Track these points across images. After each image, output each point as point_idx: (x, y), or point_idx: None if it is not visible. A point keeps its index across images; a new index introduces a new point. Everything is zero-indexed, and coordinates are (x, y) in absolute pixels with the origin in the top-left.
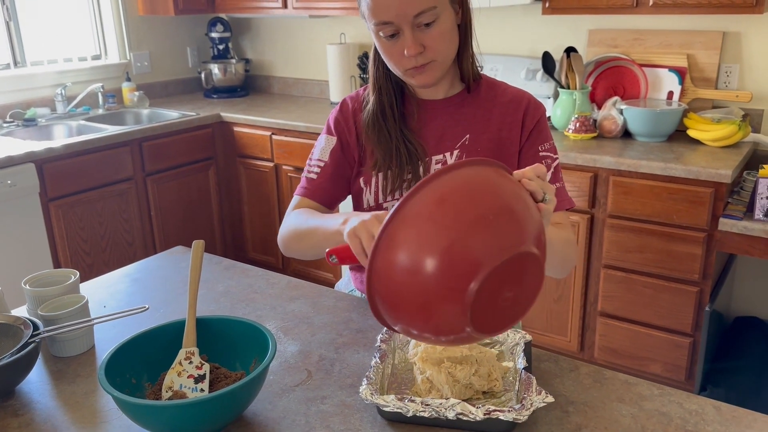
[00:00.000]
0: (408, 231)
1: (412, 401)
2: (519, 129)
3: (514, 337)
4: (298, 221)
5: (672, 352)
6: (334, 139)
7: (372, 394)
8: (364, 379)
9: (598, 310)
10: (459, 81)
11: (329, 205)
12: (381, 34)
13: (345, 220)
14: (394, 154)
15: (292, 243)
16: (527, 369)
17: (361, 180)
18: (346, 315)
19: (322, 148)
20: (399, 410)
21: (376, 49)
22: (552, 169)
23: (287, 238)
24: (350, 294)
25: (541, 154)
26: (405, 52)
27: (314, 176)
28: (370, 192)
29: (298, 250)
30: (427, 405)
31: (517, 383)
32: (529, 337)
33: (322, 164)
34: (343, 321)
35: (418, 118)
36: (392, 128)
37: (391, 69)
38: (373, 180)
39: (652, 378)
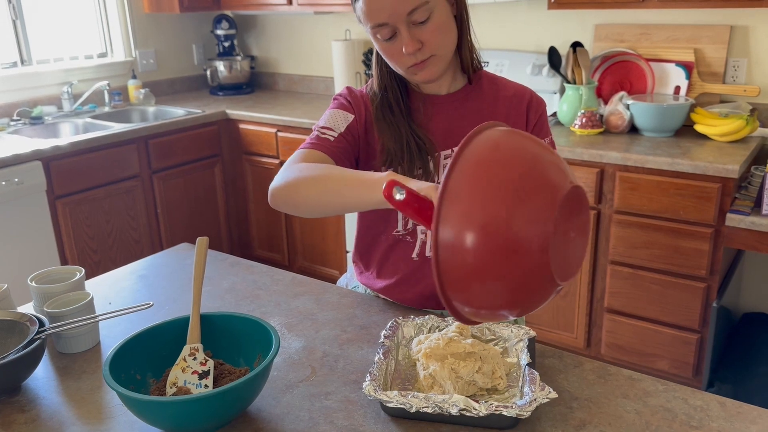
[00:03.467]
0: (468, 189)
1: (416, 397)
2: (524, 122)
3: (518, 333)
4: (314, 167)
5: (679, 348)
6: (351, 116)
7: (375, 390)
8: (368, 375)
9: (604, 307)
10: (461, 75)
11: (340, 164)
12: (378, 36)
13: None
14: (404, 149)
15: (300, 187)
16: (531, 365)
17: None
18: (350, 311)
19: (336, 119)
20: (402, 406)
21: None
22: None
23: (292, 182)
24: (353, 290)
25: None
26: (403, 50)
27: (331, 138)
28: None
29: (304, 196)
30: (430, 401)
31: (521, 379)
32: (533, 333)
33: (337, 132)
34: (347, 317)
35: (424, 113)
36: (401, 123)
37: (393, 68)
38: None
39: (660, 375)
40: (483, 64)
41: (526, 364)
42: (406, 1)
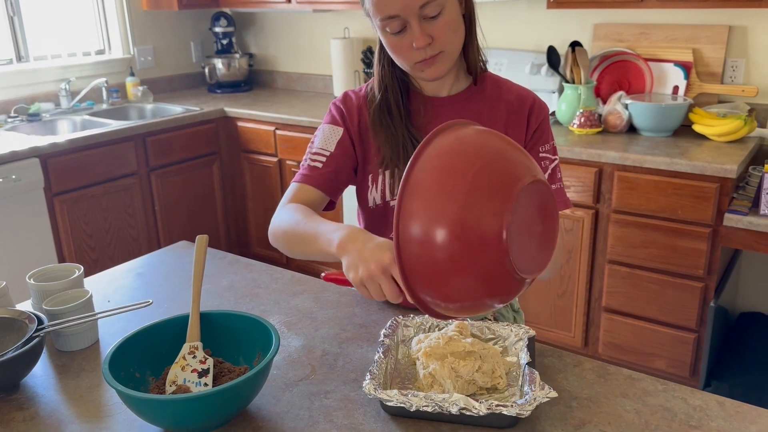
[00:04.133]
0: (428, 183)
1: (416, 396)
2: (524, 127)
3: (518, 332)
4: (292, 220)
5: (676, 347)
6: (340, 130)
7: (375, 388)
8: (368, 373)
9: (602, 306)
10: (464, 76)
11: (332, 194)
12: (388, 29)
13: (341, 245)
14: (401, 152)
15: (282, 243)
16: (530, 364)
17: (369, 177)
18: (349, 310)
19: (326, 137)
20: (402, 405)
21: (381, 47)
22: (550, 170)
23: (279, 236)
24: (353, 289)
25: (540, 155)
26: (413, 44)
27: (319, 165)
28: (376, 190)
29: (288, 251)
30: (431, 400)
31: (521, 378)
32: (532, 333)
33: (327, 153)
34: (346, 316)
35: (424, 115)
36: (398, 126)
37: (398, 64)
38: (380, 178)
39: (657, 374)
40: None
41: (526, 364)
42: None
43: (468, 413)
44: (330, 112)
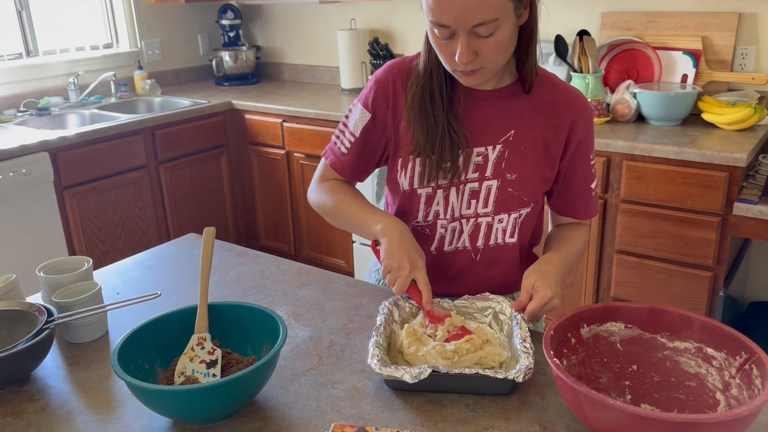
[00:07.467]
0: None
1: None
2: (565, 134)
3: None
4: (338, 199)
5: None
6: (368, 116)
7: (382, 366)
8: (370, 354)
9: (611, 296)
10: (511, 72)
11: (356, 178)
12: (436, 32)
13: (384, 231)
14: (437, 141)
15: (329, 217)
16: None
17: (399, 161)
18: (356, 301)
19: (356, 120)
20: (420, 371)
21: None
22: (596, 178)
23: (327, 211)
24: (359, 281)
25: (591, 162)
26: (456, 58)
27: (345, 150)
28: (405, 176)
29: (334, 223)
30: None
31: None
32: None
33: (353, 139)
34: (353, 307)
35: (464, 106)
36: (439, 114)
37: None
38: (410, 164)
39: None
40: None
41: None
42: (476, 13)
43: (482, 373)
44: (366, 90)
